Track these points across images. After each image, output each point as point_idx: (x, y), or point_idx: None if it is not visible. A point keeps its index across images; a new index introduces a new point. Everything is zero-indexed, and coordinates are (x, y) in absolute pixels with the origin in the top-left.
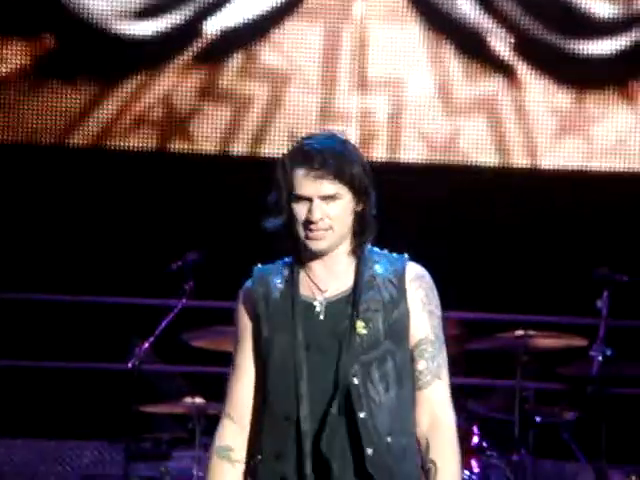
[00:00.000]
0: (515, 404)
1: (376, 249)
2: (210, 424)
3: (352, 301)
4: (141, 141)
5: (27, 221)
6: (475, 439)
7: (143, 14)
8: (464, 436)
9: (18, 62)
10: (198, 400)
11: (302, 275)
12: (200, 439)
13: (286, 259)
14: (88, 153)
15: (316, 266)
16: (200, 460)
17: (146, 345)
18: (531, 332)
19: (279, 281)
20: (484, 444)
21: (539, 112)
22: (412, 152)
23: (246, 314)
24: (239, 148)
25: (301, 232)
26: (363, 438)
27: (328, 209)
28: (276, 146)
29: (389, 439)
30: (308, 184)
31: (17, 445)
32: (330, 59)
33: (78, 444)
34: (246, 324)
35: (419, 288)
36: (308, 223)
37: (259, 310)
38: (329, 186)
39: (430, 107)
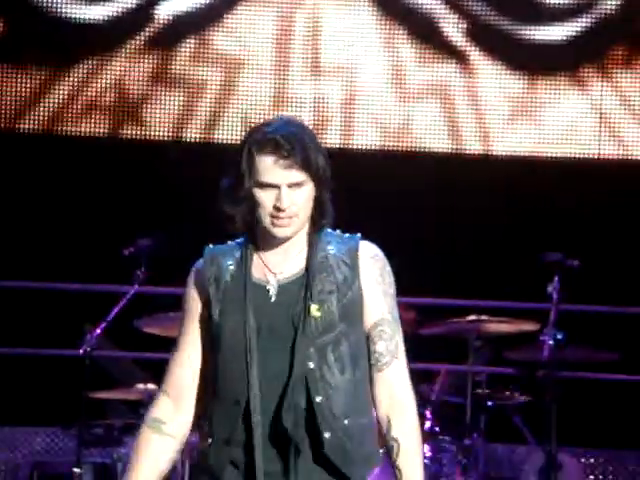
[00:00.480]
0: (467, 389)
1: (329, 230)
2: None
3: (305, 283)
4: (93, 127)
5: None
6: (427, 424)
7: None
8: None
9: None
10: (150, 386)
11: (255, 257)
12: None
13: (238, 240)
14: (39, 139)
15: (270, 249)
16: None
17: (98, 331)
18: (483, 317)
19: (230, 263)
20: (436, 429)
21: (491, 98)
22: (365, 138)
23: (196, 295)
24: (192, 134)
25: (265, 219)
26: (320, 422)
27: (295, 196)
28: (229, 132)
29: (346, 422)
30: (277, 172)
31: None
32: (283, 44)
33: (30, 430)
34: (194, 305)
35: (373, 267)
36: (275, 210)
37: (209, 292)
38: (297, 174)
39: (383, 93)
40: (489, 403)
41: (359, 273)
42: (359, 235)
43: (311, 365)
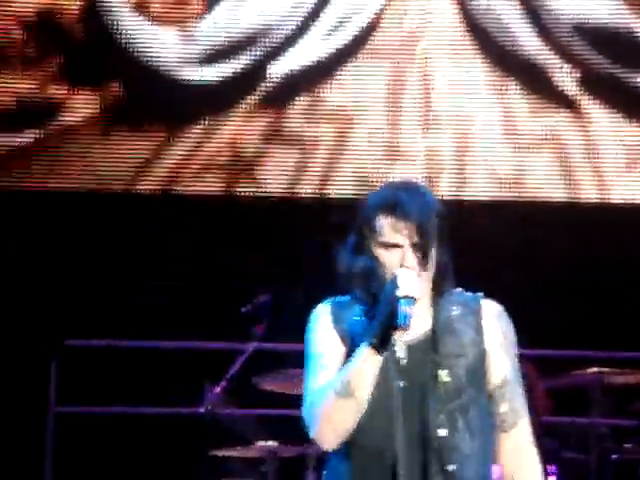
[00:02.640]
0: (590, 442)
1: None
2: (283, 467)
3: (433, 348)
4: (208, 186)
5: (99, 268)
6: (552, 479)
7: (208, 60)
8: None
9: (86, 111)
10: (271, 443)
11: None
12: None
13: (358, 296)
14: (156, 199)
15: None
16: None
17: (218, 389)
18: (606, 369)
19: (357, 317)
20: None
21: (606, 146)
22: (479, 189)
23: (331, 332)
24: (306, 190)
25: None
26: None
27: (417, 257)
28: (343, 187)
29: None
30: (399, 232)
31: None
32: (395, 99)
33: None
34: (332, 341)
35: (496, 327)
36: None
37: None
38: (419, 235)
39: (496, 144)
40: (614, 457)
41: (483, 335)
42: (481, 294)
43: (443, 433)
